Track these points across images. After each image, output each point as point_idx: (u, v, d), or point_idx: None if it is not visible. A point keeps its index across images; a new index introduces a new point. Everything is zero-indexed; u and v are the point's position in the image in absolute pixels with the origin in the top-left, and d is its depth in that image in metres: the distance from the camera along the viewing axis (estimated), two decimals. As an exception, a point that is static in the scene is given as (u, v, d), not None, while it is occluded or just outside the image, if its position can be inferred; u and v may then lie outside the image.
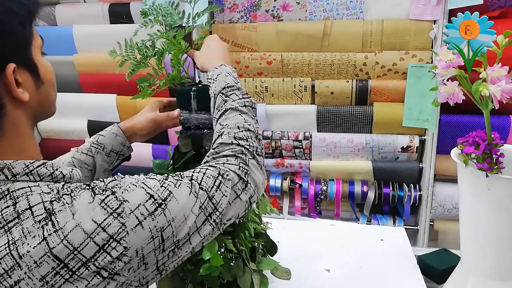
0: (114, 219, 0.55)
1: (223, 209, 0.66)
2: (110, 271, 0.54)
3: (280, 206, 2.17)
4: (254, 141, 0.76)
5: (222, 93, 0.81)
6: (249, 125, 0.77)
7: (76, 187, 0.58)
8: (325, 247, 1.27)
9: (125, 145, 0.99)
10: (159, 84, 0.96)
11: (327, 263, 1.18)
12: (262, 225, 1.06)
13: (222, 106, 0.80)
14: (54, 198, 0.56)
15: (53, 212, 0.54)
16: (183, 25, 0.97)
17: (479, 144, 0.84)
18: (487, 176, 0.81)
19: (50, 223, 0.53)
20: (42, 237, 0.53)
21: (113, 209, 0.56)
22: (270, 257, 1.10)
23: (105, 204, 0.56)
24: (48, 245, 0.52)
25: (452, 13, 1.70)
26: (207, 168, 0.68)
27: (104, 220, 0.55)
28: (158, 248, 0.59)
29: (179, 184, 0.63)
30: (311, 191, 2.06)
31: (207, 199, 0.64)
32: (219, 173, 0.67)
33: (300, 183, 2.08)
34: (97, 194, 0.57)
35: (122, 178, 0.60)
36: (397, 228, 1.41)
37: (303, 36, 1.93)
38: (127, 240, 0.55)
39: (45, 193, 0.57)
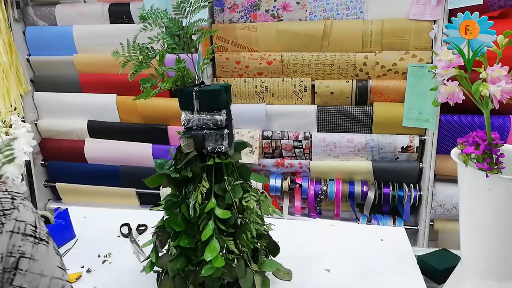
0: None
1: None
2: None
3: (280, 206, 2.17)
4: None
5: None
6: None
7: None
8: (325, 247, 1.27)
9: None
10: (161, 87, 0.96)
11: (327, 263, 1.18)
12: (264, 226, 1.06)
13: None
14: None
15: None
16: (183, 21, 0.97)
17: (479, 144, 0.84)
18: (487, 176, 0.81)
19: None
20: None
21: (3, 208, 0.59)
22: (273, 258, 1.11)
23: (0, 202, 0.60)
24: None
25: (452, 13, 1.71)
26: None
27: None
28: (9, 272, 0.59)
29: (57, 253, 0.65)
30: (311, 191, 2.06)
31: None
32: None
33: (300, 183, 2.08)
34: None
35: (25, 197, 0.64)
36: (397, 228, 1.41)
37: (303, 36, 1.94)
38: None
39: None
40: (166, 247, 1.03)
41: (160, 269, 1.03)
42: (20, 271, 0.60)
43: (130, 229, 1.36)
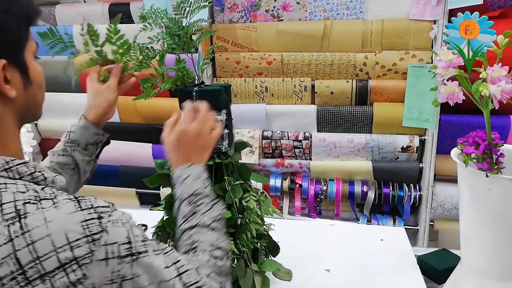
0: (87, 243, 0.54)
1: None
2: None
3: (280, 206, 2.17)
4: (226, 260, 0.75)
5: (190, 201, 0.77)
6: (221, 242, 0.75)
7: (61, 194, 0.57)
8: (325, 247, 1.27)
9: (98, 134, 0.96)
10: (161, 87, 0.96)
11: (327, 263, 1.18)
12: (264, 226, 1.06)
13: (190, 218, 0.76)
14: (29, 200, 0.55)
15: (25, 214, 0.53)
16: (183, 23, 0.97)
17: (479, 144, 0.84)
18: (487, 176, 0.81)
19: (17, 224, 0.53)
20: (9, 238, 0.52)
21: (91, 233, 0.54)
22: (273, 258, 1.11)
23: (87, 225, 0.55)
24: (14, 246, 0.52)
25: (452, 13, 1.71)
26: (190, 269, 0.66)
27: (77, 240, 0.53)
28: None
29: (158, 253, 0.62)
30: (311, 191, 2.06)
31: None
32: (198, 281, 0.66)
33: (300, 183, 2.08)
34: (83, 209, 0.56)
35: (114, 209, 0.59)
36: (397, 228, 1.41)
37: (303, 36, 1.94)
38: (88, 268, 0.53)
39: (20, 192, 0.56)
40: (166, 247, 1.02)
41: (160, 269, 1.03)
42: None
43: (130, 229, 1.36)
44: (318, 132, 2.05)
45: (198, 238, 0.73)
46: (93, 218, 0.55)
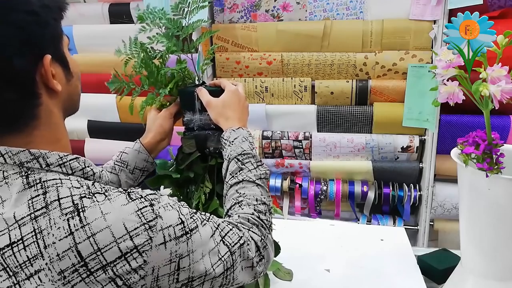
0: (144, 231, 0.56)
1: (237, 270, 0.67)
2: (125, 281, 0.54)
3: (280, 206, 2.17)
4: (269, 215, 0.78)
5: (238, 160, 0.81)
6: (264, 198, 0.78)
7: (110, 189, 0.59)
8: (325, 247, 1.27)
9: (148, 161, 0.98)
10: (163, 92, 0.96)
11: (327, 263, 1.19)
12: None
13: (237, 174, 0.80)
14: (84, 194, 0.56)
15: (83, 208, 0.55)
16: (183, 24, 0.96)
17: (479, 144, 0.84)
18: (487, 176, 0.81)
19: (77, 218, 0.54)
20: (69, 231, 0.53)
21: (147, 220, 0.56)
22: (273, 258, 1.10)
23: (141, 213, 0.57)
24: (74, 240, 0.53)
25: (452, 13, 1.71)
26: (231, 229, 0.69)
27: (135, 229, 0.55)
28: (173, 275, 0.59)
29: (205, 224, 0.65)
30: (311, 191, 2.06)
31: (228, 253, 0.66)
32: (241, 237, 0.69)
33: (300, 183, 2.08)
34: (135, 200, 0.58)
35: (161, 195, 0.61)
36: (397, 228, 1.41)
37: (303, 36, 1.94)
38: (148, 254, 0.56)
39: (75, 187, 0.57)
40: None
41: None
42: (183, 269, 0.60)
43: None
44: (318, 132, 2.05)
45: (244, 192, 0.77)
46: (145, 206, 0.57)
